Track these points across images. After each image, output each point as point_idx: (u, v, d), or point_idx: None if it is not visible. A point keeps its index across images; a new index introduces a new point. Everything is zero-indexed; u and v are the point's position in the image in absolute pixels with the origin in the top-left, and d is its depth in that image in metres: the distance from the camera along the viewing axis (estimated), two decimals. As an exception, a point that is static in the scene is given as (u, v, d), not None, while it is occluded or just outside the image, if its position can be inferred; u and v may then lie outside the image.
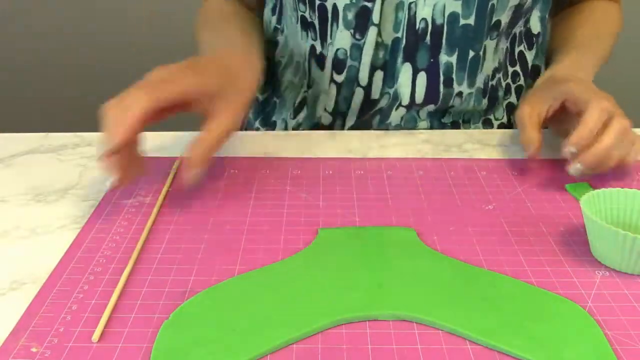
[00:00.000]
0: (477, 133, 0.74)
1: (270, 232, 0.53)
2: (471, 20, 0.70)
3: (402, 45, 0.72)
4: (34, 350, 0.40)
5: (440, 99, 0.74)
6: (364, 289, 0.45)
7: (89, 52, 1.88)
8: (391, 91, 0.74)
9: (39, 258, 0.50)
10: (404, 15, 0.70)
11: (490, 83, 0.77)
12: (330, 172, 0.63)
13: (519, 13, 0.74)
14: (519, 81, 0.82)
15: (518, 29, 0.77)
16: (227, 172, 0.63)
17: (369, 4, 0.70)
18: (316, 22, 0.74)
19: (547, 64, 0.83)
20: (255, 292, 0.45)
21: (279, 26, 0.83)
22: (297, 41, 0.78)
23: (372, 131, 0.73)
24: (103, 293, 0.45)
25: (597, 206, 0.50)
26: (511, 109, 0.82)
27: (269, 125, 0.86)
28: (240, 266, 0.48)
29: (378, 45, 0.72)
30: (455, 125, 0.79)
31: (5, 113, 1.89)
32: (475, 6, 0.70)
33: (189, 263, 0.49)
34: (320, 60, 0.76)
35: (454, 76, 0.73)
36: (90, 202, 0.58)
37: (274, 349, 0.40)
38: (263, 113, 0.87)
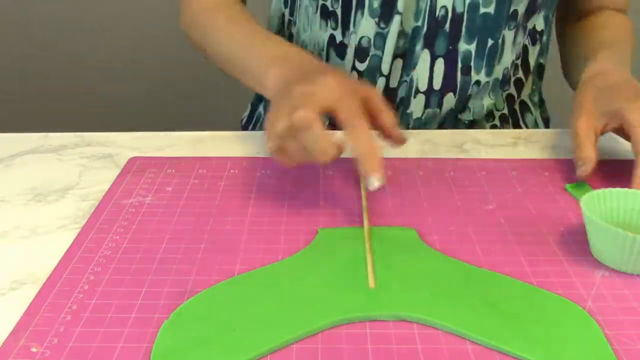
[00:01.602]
0: (477, 133, 0.74)
1: (270, 232, 0.53)
2: (491, 9, 0.71)
3: (423, 32, 0.73)
4: (34, 350, 0.40)
5: (458, 87, 0.75)
6: (364, 289, 0.45)
7: (89, 52, 1.88)
8: (408, 79, 0.75)
9: (39, 258, 0.50)
10: (425, 3, 0.71)
11: (506, 76, 0.78)
12: (331, 173, 0.63)
13: (535, 5, 0.75)
14: (517, 74, 0.82)
15: (530, 24, 0.78)
16: (227, 172, 0.63)
17: None
18: (338, 11, 0.75)
19: (565, 74, 0.83)
20: (255, 292, 0.45)
21: (292, 18, 0.83)
22: (313, 31, 0.79)
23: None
24: (103, 293, 0.45)
25: (597, 206, 0.50)
26: (511, 100, 0.83)
27: None
28: (240, 266, 0.48)
29: (400, 34, 0.74)
30: (471, 125, 0.79)
31: (5, 113, 1.90)
32: None
33: (189, 263, 0.49)
34: (340, 49, 0.77)
35: (472, 64, 0.74)
36: (90, 202, 0.58)
37: (274, 349, 0.40)
38: None
